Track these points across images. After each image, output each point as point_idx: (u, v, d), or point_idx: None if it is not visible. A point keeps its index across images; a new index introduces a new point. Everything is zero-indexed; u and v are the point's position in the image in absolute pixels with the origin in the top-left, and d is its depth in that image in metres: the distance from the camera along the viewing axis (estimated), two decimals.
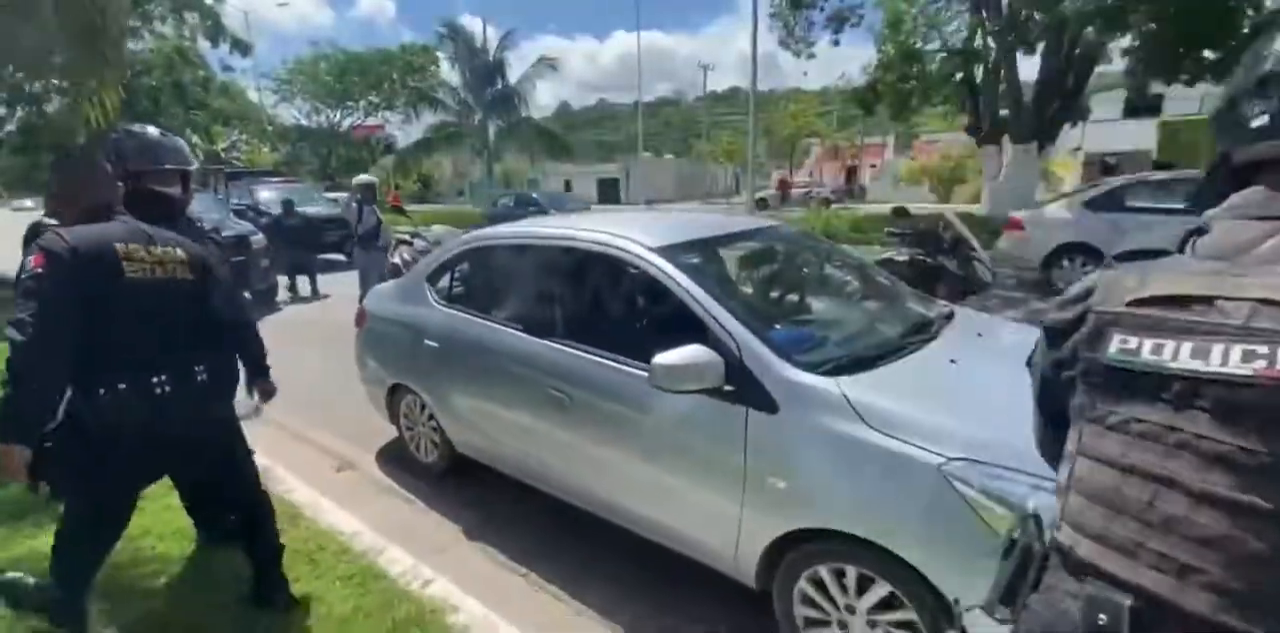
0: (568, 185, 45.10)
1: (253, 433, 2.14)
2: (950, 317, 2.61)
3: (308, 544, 2.61)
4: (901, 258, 4.34)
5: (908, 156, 33.25)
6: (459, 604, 2.26)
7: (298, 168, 32.35)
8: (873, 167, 36.09)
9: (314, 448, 3.93)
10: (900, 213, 4.52)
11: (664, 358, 1.98)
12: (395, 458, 3.69)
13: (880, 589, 1.80)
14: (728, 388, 2.02)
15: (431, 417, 3.29)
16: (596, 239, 2.52)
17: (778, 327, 2.24)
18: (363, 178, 7.50)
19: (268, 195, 11.84)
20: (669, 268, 2.27)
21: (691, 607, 2.34)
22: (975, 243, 4.35)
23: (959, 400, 1.90)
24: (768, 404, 1.96)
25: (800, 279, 2.92)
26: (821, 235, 11.42)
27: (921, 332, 2.39)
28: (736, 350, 2.04)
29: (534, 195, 16.80)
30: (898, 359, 2.12)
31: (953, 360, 2.13)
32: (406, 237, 6.56)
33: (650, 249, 2.37)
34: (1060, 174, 25.31)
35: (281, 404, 4.27)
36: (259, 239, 8.16)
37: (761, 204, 26.08)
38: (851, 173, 36.27)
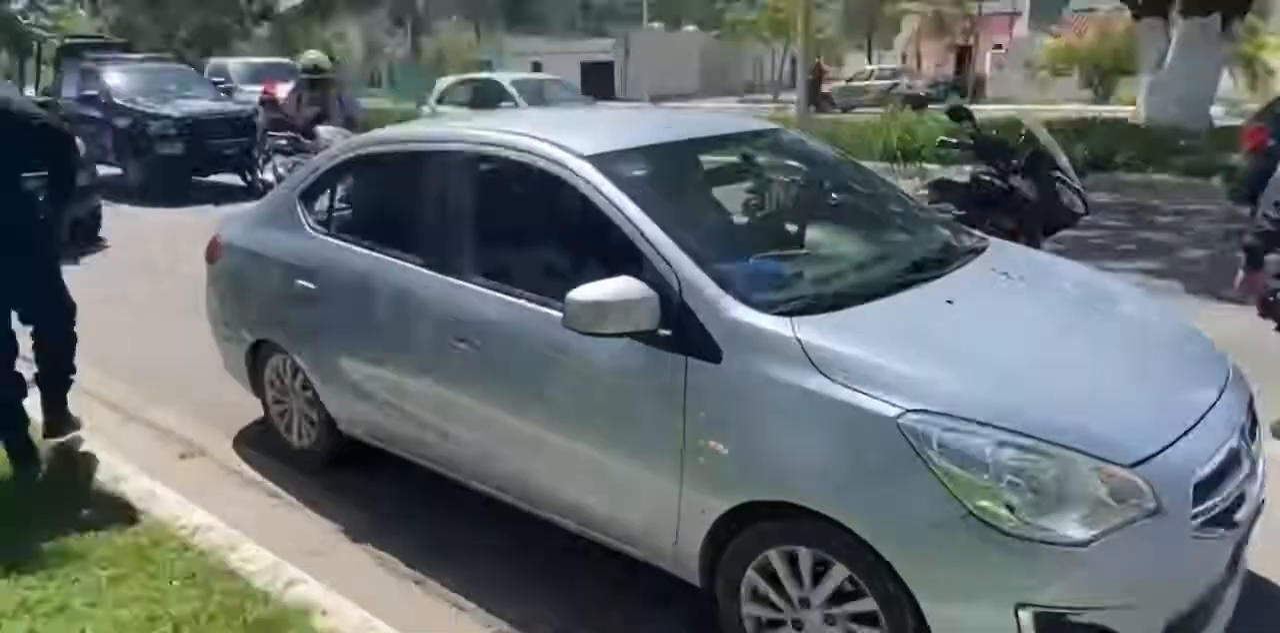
0: (536, 70, 44.67)
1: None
2: (978, 251, 2.91)
3: (138, 538, 2.99)
4: (961, 178, 4.60)
5: (1049, 32, 32.63)
6: (332, 608, 2.64)
7: (134, 40, 32.14)
8: (997, 48, 35.34)
9: (153, 430, 4.32)
10: (959, 114, 4.73)
11: (582, 292, 2.30)
12: (260, 441, 4.07)
13: (837, 575, 2.15)
14: (664, 332, 2.35)
15: (306, 385, 3.64)
16: (514, 144, 2.82)
17: (740, 259, 2.55)
18: (312, 56, 7.77)
19: (124, 81, 12.10)
20: (601, 181, 2.57)
21: (625, 620, 2.72)
22: (1063, 159, 4.60)
23: (938, 346, 2.23)
24: (710, 351, 2.29)
25: (788, 201, 3.22)
26: (889, 151, 11.78)
27: (929, 267, 2.70)
28: (676, 285, 2.36)
29: (505, 83, 13.93)
30: (882, 299, 2.44)
31: (949, 301, 2.44)
32: (284, 142, 6.86)
33: (580, 157, 2.67)
34: (1273, 62, 25.04)
35: (111, 375, 4.65)
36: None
37: (822, 103, 26.05)
38: (964, 57, 35.52)
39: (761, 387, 2.21)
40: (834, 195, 3.30)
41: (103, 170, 11.41)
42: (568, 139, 2.75)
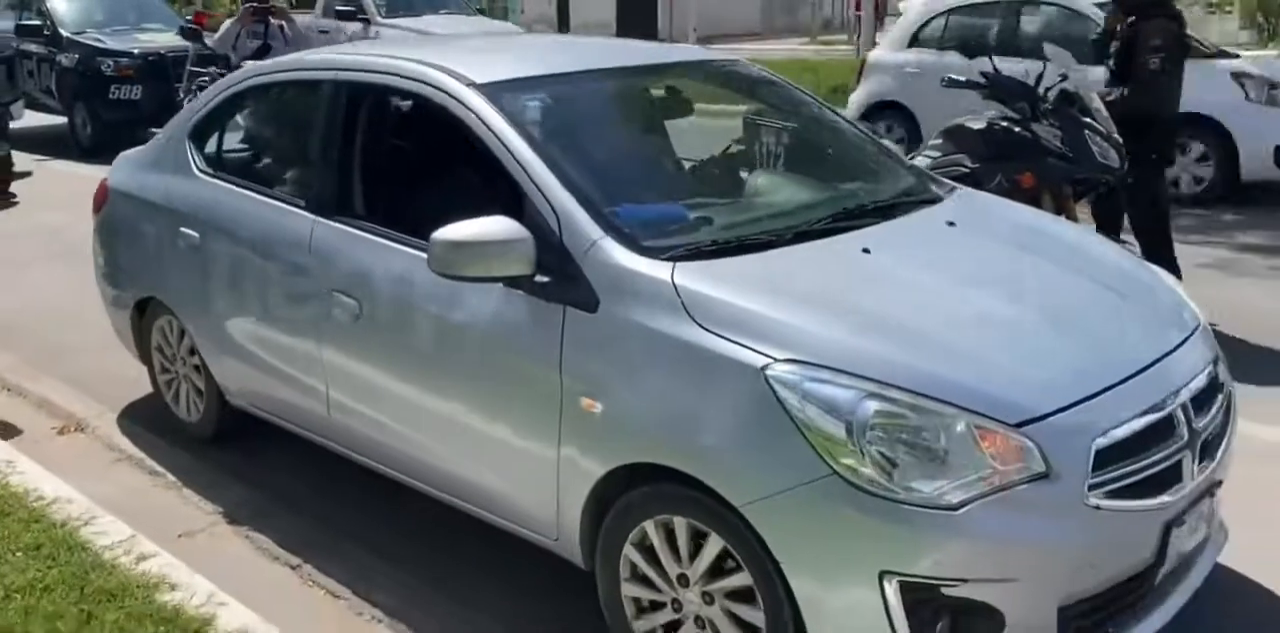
0: (562, 3, 44.88)
1: None
2: (934, 200, 3.15)
3: None
4: (977, 124, 4.78)
5: None
6: (182, 582, 2.98)
7: None
8: None
9: (30, 402, 4.73)
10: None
11: (447, 232, 2.59)
12: (149, 416, 4.46)
13: (713, 547, 2.41)
14: (541, 279, 2.63)
15: (194, 350, 3.99)
16: (401, 70, 3.12)
17: (640, 201, 2.82)
18: None
19: (73, 9, 12.19)
20: (487, 111, 2.86)
21: (509, 609, 3.02)
22: (1098, 102, 4.76)
23: (826, 296, 2.48)
24: (587, 300, 2.57)
25: (724, 140, 3.48)
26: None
27: (865, 215, 2.95)
28: (556, 227, 2.64)
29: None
30: (789, 246, 2.70)
31: (866, 250, 2.69)
32: (207, 80, 7.28)
33: (470, 85, 2.96)
34: None
35: None
36: None
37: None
38: None
39: (635, 337, 2.48)
40: (782, 136, 3.55)
41: (41, 118, 11.97)
42: (460, 66, 3.04)
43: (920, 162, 4.86)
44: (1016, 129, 4.60)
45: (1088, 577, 2.26)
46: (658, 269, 2.52)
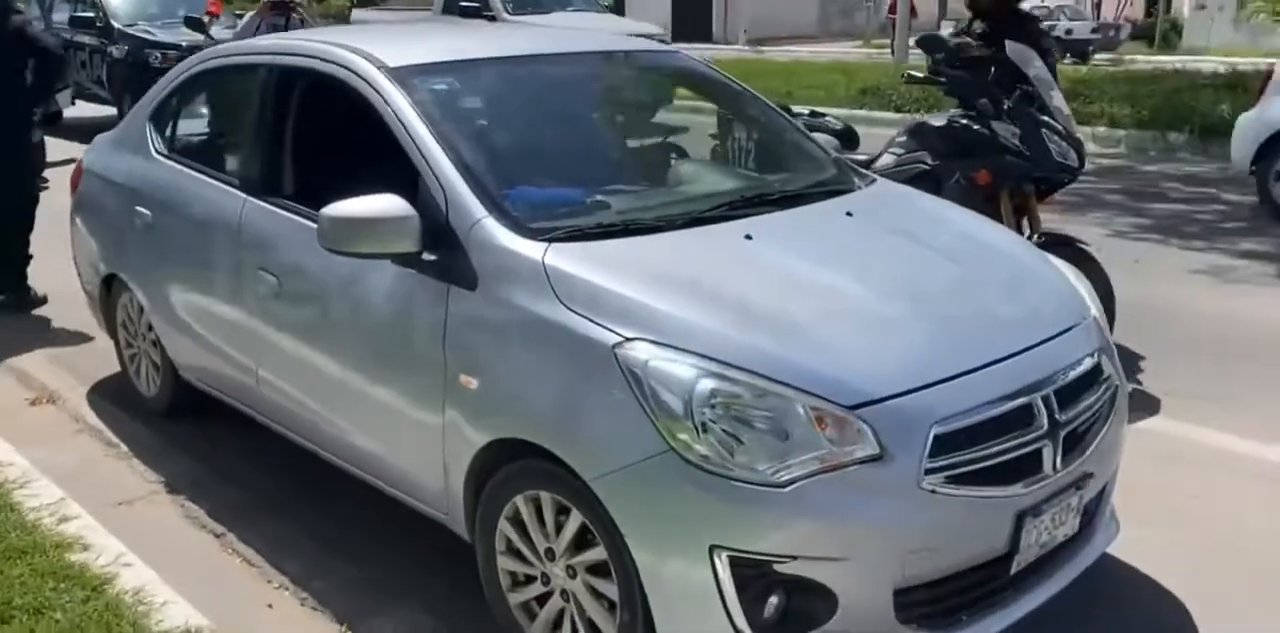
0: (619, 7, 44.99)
1: None
2: (842, 191, 3.18)
3: None
4: (937, 122, 4.76)
5: None
6: (95, 543, 3.10)
7: None
8: None
9: (13, 374, 4.92)
10: (932, 45, 4.83)
11: (336, 208, 2.68)
12: (116, 391, 4.61)
13: (575, 521, 2.47)
14: (429, 257, 2.70)
15: (151, 326, 4.13)
16: (323, 54, 3.23)
17: (535, 184, 2.89)
18: None
19: (125, 2, 12.56)
20: (393, 94, 2.95)
21: (418, 579, 3.09)
22: (1058, 100, 4.71)
23: (691, 279, 2.51)
24: (467, 278, 2.64)
25: (640, 128, 3.53)
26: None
27: (761, 203, 2.99)
28: (444, 205, 2.72)
29: None
30: (674, 230, 2.74)
31: (748, 236, 2.73)
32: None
33: (381, 68, 3.05)
34: None
35: None
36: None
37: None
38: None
39: (507, 315, 2.55)
40: (713, 127, 3.60)
41: (93, 108, 12.33)
42: (379, 50, 3.13)
43: (885, 159, 4.87)
44: (975, 127, 4.55)
45: (925, 561, 2.28)
46: (532, 249, 2.58)
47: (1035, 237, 4.55)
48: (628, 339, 2.33)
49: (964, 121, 4.57)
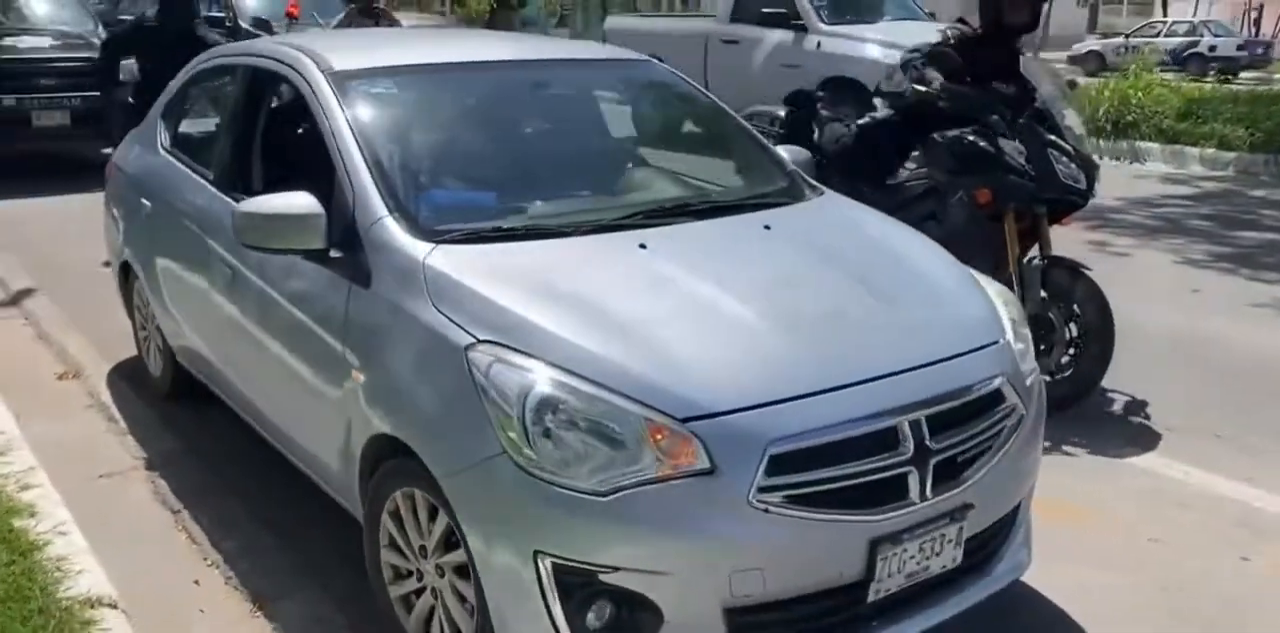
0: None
1: None
2: (775, 204, 3.14)
3: None
4: (945, 137, 4.57)
5: None
6: (45, 511, 3.28)
7: None
8: None
9: (52, 350, 5.23)
10: (932, 57, 4.58)
11: (247, 204, 2.78)
12: (133, 371, 4.85)
13: (442, 521, 2.49)
14: (336, 254, 2.78)
15: (151, 309, 4.35)
16: (282, 56, 3.35)
17: (449, 188, 2.94)
18: None
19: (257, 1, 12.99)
20: (330, 98, 3.04)
21: (334, 566, 3.17)
22: (1071, 120, 4.44)
23: (561, 287, 2.50)
24: (364, 275, 2.70)
25: (577, 133, 3.55)
26: (1095, 122, 11.24)
27: (675, 213, 2.98)
28: (351, 204, 2.79)
29: None
30: (567, 237, 2.75)
31: (642, 245, 2.71)
32: None
33: (326, 72, 3.15)
34: None
35: (48, 295, 5.69)
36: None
37: (1089, 62, 25.04)
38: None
39: (389, 313, 2.60)
40: (667, 136, 3.59)
41: None
42: (328, 54, 3.24)
43: (900, 174, 4.75)
44: (982, 143, 4.38)
45: (757, 581, 2.22)
46: (418, 249, 2.63)
47: (1039, 259, 4.38)
48: (479, 342, 2.35)
49: (971, 137, 4.41)
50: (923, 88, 4.42)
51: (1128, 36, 28.15)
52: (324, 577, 3.15)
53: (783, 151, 3.57)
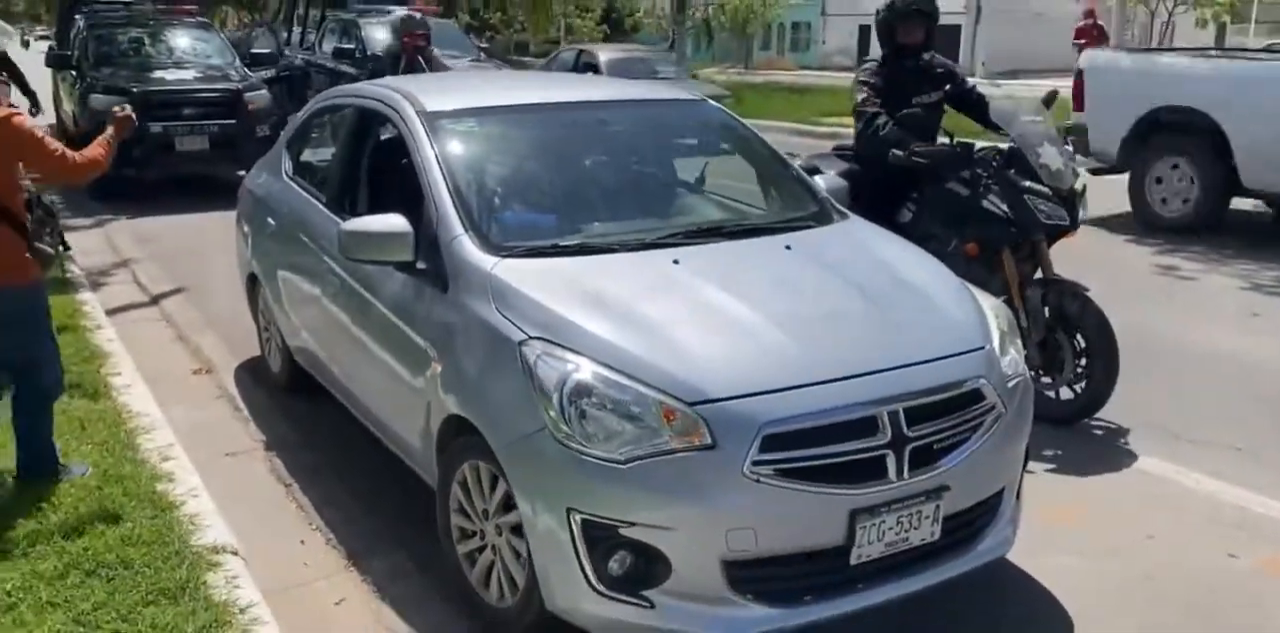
0: (863, 36, 44.93)
1: (134, 329, 3.69)
2: (800, 228, 3.59)
3: (88, 413, 4.46)
4: (931, 191, 4.74)
5: None
6: (181, 478, 3.91)
7: None
8: None
9: (188, 349, 5.96)
10: (900, 122, 4.75)
11: (350, 224, 3.36)
12: (257, 368, 5.52)
13: (500, 488, 3.00)
14: (421, 265, 3.34)
15: (273, 313, 5.00)
16: (383, 97, 3.96)
17: (518, 210, 3.47)
18: (401, 13, 9.45)
19: (385, 35, 13.23)
20: (422, 134, 3.62)
21: (414, 532, 3.71)
22: (1047, 155, 4.52)
23: (602, 293, 2.99)
24: (443, 282, 3.25)
25: (636, 168, 4.05)
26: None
27: (712, 235, 3.45)
28: (435, 223, 3.35)
29: None
30: (616, 253, 3.25)
31: (675, 261, 3.19)
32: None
33: (420, 113, 3.73)
34: None
35: (187, 299, 6.47)
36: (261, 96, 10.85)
37: None
38: None
39: (461, 314, 3.13)
40: (715, 166, 4.07)
41: None
42: (423, 96, 3.83)
43: (904, 216, 5.01)
44: (963, 193, 4.66)
45: (749, 539, 2.66)
46: (486, 262, 3.17)
47: (1042, 281, 4.64)
48: (530, 338, 2.87)
49: (952, 190, 4.71)
50: (901, 153, 4.66)
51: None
52: (406, 541, 3.69)
53: (819, 180, 4.02)
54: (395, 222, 3.33)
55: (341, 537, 3.76)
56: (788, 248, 3.41)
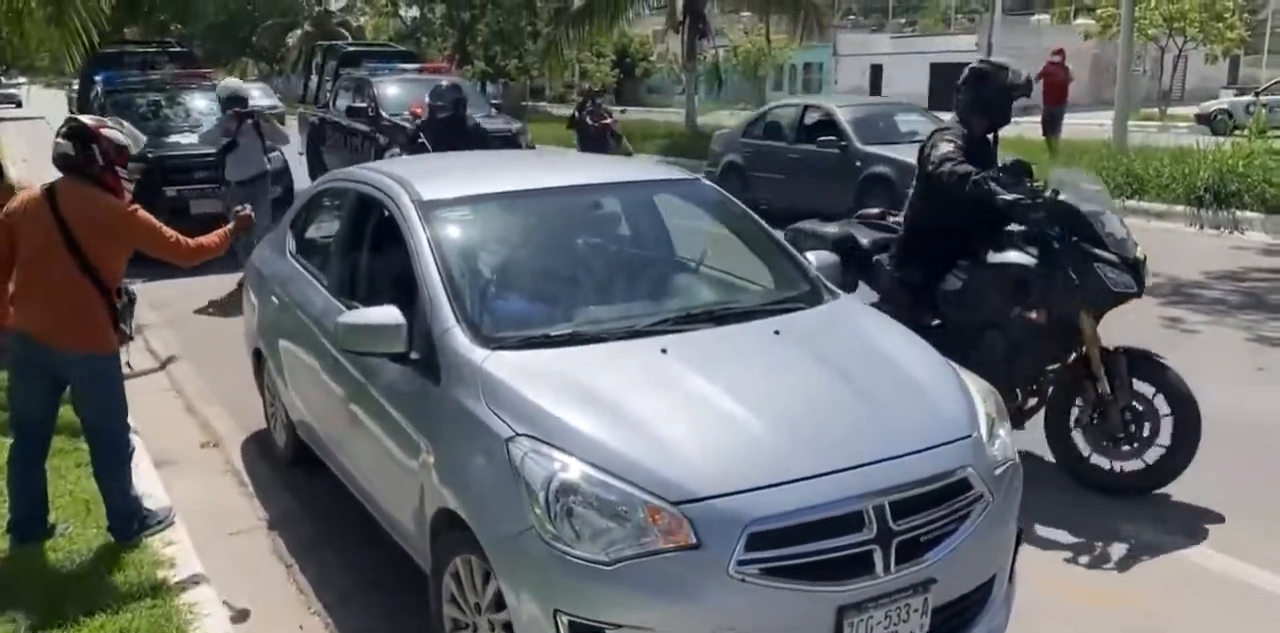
0: (875, 75, 45.37)
1: (145, 398, 3.76)
2: (788, 310, 3.62)
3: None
4: (994, 259, 4.65)
5: None
6: (182, 563, 3.94)
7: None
8: None
9: (198, 421, 6.01)
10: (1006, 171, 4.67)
11: (346, 316, 3.41)
12: (263, 442, 5.56)
13: (494, 585, 3.00)
14: (415, 356, 3.38)
15: (277, 389, 5.05)
16: (378, 184, 4.03)
17: (510, 300, 3.51)
18: (229, 84, 9.18)
19: (396, 93, 13.56)
20: (417, 223, 3.67)
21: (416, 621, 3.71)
22: (1110, 223, 4.47)
23: (589, 386, 3.02)
24: (435, 374, 3.28)
25: (626, 253, 4.10)
26: (1193, 192, 11.17)
27: (699, 320, 3.48)
28: (428, 314, 3.39)
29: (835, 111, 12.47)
30: (605, 342, 3.28)
31: (663, 350, 3.22)
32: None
33: (415, 201, 3.79)
34: None
35: (196, 368, 6.52)
36: (275, 157, 11.04)
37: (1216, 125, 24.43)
38: None
39: (452, 406, 3.16)
40: (705, 250, 4.13)
41: None
42: (418, 184, 3.89)
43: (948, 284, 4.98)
44: (1030, 267, 4.56)
45: None
46: (477, 355, 3.20)
47: (1123, 349, 4.60)
48: (518, 434, 2.90)
49: (1017, 261, 4.64)
50: (1024, 199, 4.47)
51: (1258, 94, 27.42)
52: (400, 622, 3.70)
53: (810, 257, 4.06)
54: (388, 315, 3.37)
55: (340, 620, 3.77)
56: (776, 333, 3.43)
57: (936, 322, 4.94)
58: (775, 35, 39.37)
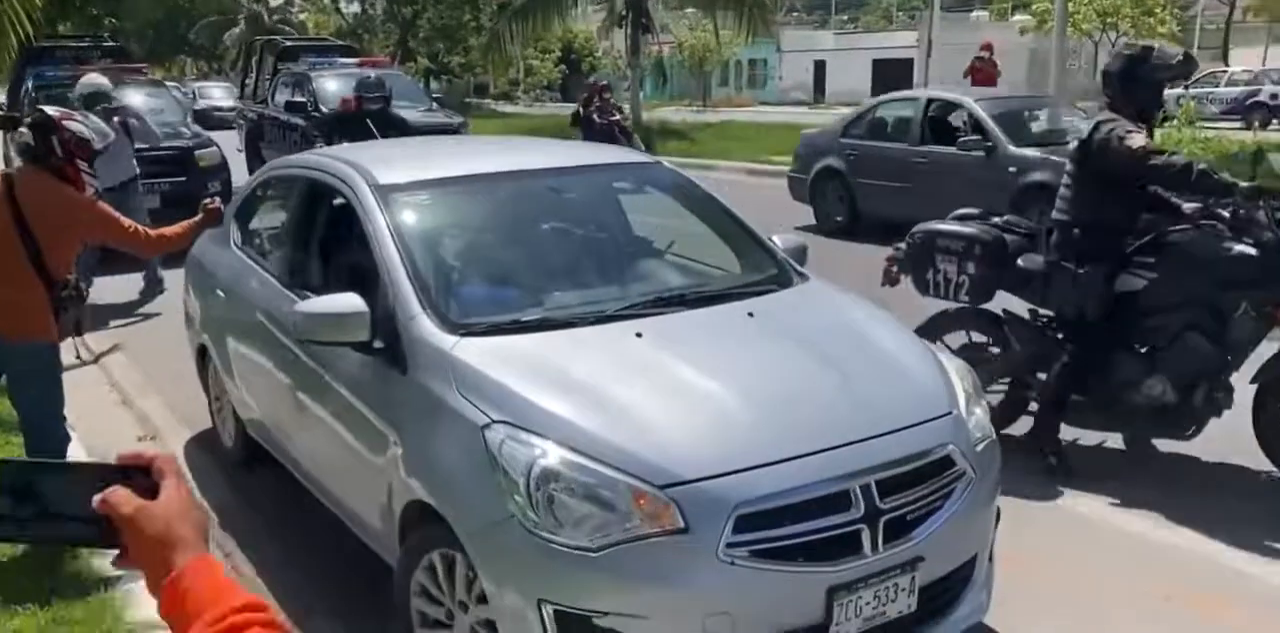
0: (819, 71, 45.68)
1: (79, 391, 3.55)
2: (760, 293, 3.57)
3: None
4: (1200, 251, 4.18)
5: None
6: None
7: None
8: None
9: (134, 414, 5.80)
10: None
11: (303, 305, 3.27)
12: (209, 439, 5.36)
13: (473, 578, 2.86)
14: (379, 345, 3.24)
15: (224, 385, 4.86)
16: (333, 170, 3.89)
17: (475, 285, 3.40)
18: (88, 81, 8.56)
19: (335, 88, 12.73)
20: (375, 208, 3.54)
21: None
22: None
23: (563, 371, 2.94)
24: (401, 363, 3.16)
25: (591, 236, 4.03)
26: None
27: (671, 304, 3.42)
28: (391, 302, 3.26)
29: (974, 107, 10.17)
30: (577, 327, 3.19)
31: (638, 334, 3.13)
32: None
33: (372, 186, 3.65)
34: None
35: (130, 360, 6.27)
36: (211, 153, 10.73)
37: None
38: None
39: (421, 395, 3.05)
40: (652, 228, 4.06)
41: None
42: (374, 169, 3.76)
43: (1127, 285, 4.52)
44: (1252, 252, 4.10)
45: (725, 623, 2.59)
46: (445, 342, 3.09)
47: None
48: (494, 422, 2.79)
49: (1231, 247, 4.22)
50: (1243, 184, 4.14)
51: (1187, 87, 28.03)
52: (341, 612, 3.61)
53: (776, 240, 3.99)
54: (349, 302, 3.22)
55: (283, 607, 3.60)
56: (750, 315, 3.36)
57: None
58: (720, 31, 39.61)
